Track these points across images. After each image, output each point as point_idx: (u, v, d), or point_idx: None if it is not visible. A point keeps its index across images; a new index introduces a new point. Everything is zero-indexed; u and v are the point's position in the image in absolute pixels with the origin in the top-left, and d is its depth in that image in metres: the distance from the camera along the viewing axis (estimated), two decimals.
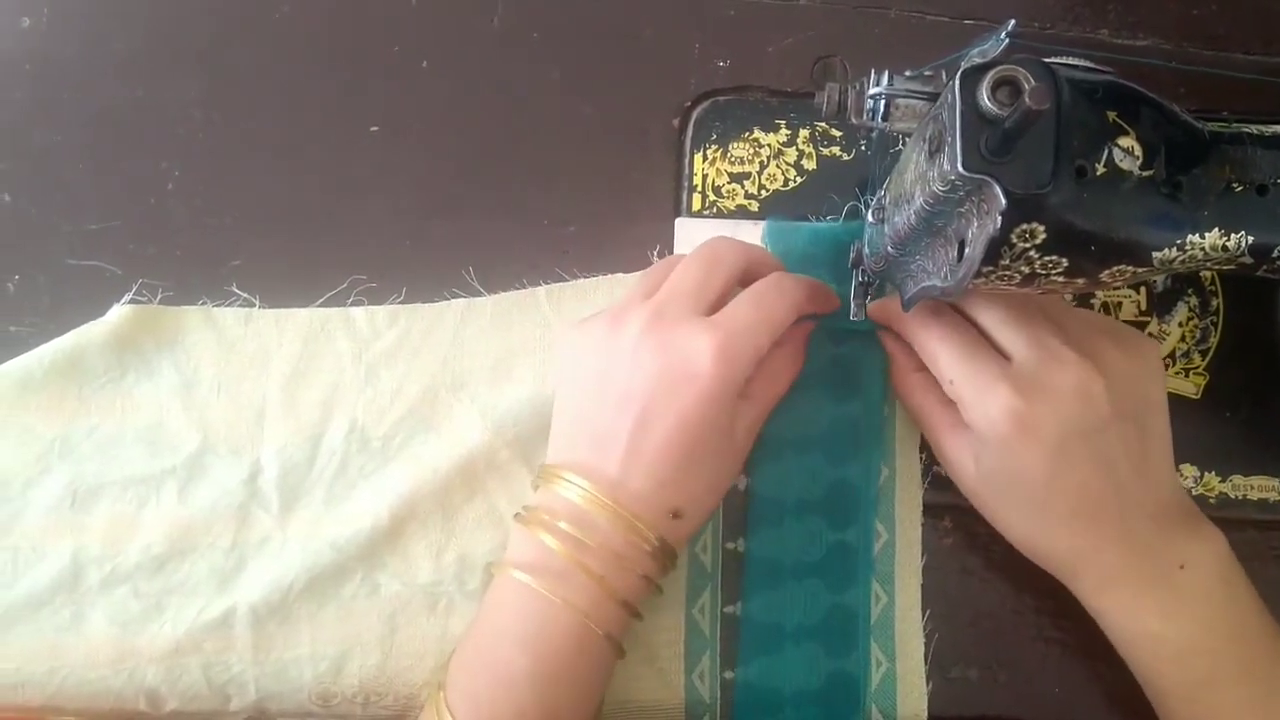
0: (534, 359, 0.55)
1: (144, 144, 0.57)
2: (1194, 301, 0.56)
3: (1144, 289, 0.56)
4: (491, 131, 0.57)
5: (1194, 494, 0.54)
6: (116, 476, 0.54)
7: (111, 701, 0.52)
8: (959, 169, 0.36)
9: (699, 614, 0.53)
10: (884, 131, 0.44)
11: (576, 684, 0.46)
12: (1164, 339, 0.55)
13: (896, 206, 0.45)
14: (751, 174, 0.57)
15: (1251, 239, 0.40)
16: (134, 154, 0.57)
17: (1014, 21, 0.38)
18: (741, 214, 0.56)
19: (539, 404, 0.53)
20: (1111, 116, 0.38)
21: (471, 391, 0.54)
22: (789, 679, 0.52)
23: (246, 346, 0.55)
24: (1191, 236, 0.40)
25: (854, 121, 0.45)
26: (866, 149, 0.56)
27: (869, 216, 0.51)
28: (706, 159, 0.57)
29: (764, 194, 0.56)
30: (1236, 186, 0.40)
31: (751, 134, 0.57)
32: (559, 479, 0.47)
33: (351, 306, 0.55)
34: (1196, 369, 0.55)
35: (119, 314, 0.55)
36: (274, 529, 0.53)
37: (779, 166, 0.57)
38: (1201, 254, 0.40)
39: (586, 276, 0.56)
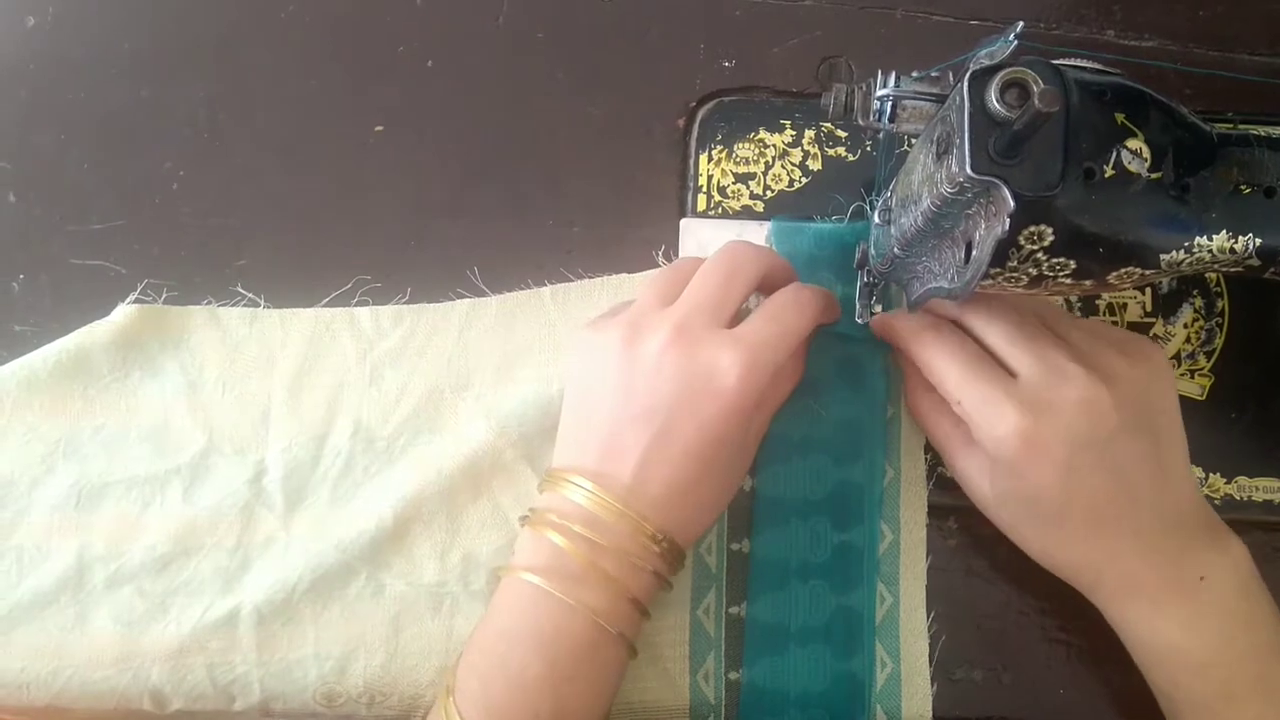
0: (539, 359, 0.55)
1: (149, 144, 0.57)
2: (1199, 303, 0.56)
3: (1149, 290, 0.56)
4: (496, 131, 0.57)
5: None
6: (121, 476, 0.54)
7: (116, 701, 0.52)
8: (967, 171, 0.36)
9: (704, 615, 0.53)
10: (890, 133, 0.44)
11: (591, 685, 0.46)
12: (1169, 340, 0.55)
13: (903, 208, 0.45)
14: (757, 174, 0.57)
15: (1259, 241, 0.40)
16: (139, 154, 0.57)
17: (1022, 23, 0.37)
18: (746, 214, 0.56)
19: (544, 404, 0.53)
20: (1120, 118, 0.38)
21: (476, 392, 0.54)
22: (794, 680, 0.52)
23: (251, 346, 0.55)
24: (1199, 239, 0.40)
25: (861, 123, 0.45)
26: (872, 150, 0.56)
27: (875, 218, 0.51)
28: (712, 159, 0.57)
29: (769, 194, 0.56)
30: (1244, 189, 0.40)
31: (757, 134, 0.57)
32: (567, 482, 0.47)
33: (356, 306, 0.55)
34: (1202, 370, 0.55)
35: (124, 314, 0.55)
36: (279, 529, 0.53)
37: (784, 167, 0.57)
38: (1209, 256, 0.40)
39: (591, 277, 0.56)
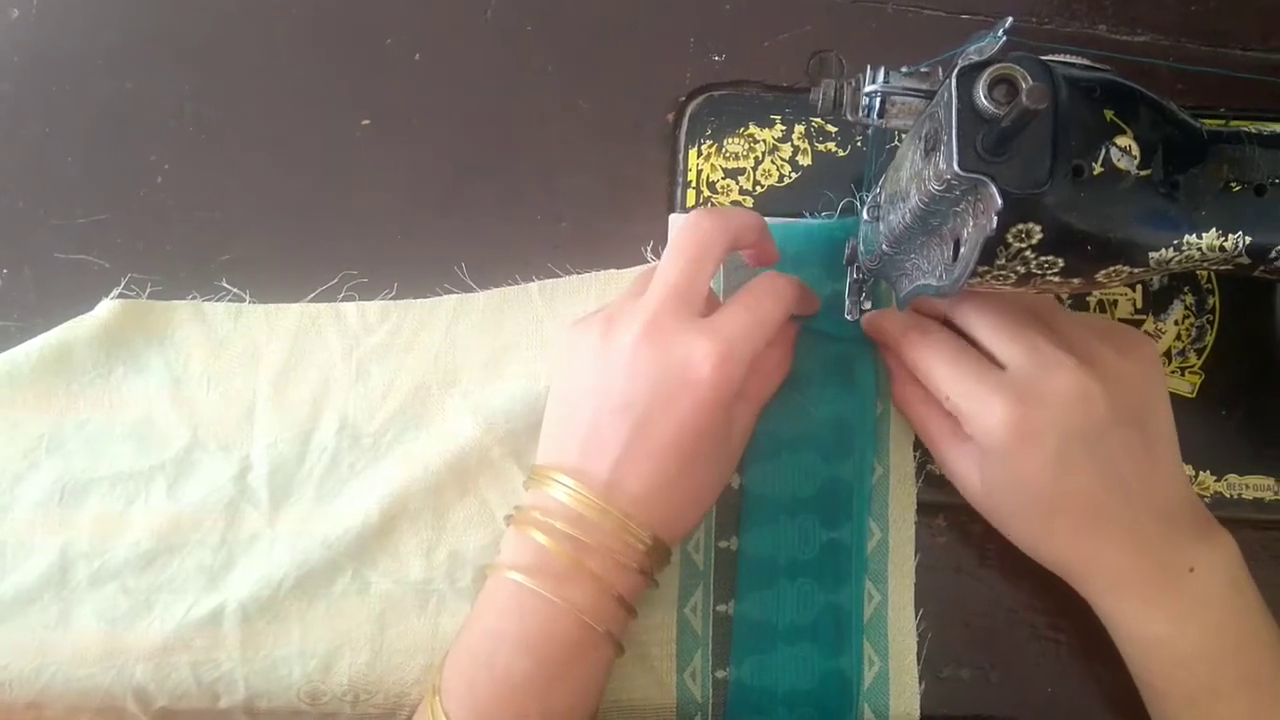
0: (526, 355, 0.54)
1: (133, 137, 0.57)
2: (1190, 300, 0.55)
3: (1140, 287, 0.56)
4: (484, 126, 0.57)
5: None
6: (105, 472, 0.53)
7: (100, 699, 0.52)
8: (955, 168, 0.36)
9: (691, 613, 0.53)
10: (880, 129, 0.44)
11: (578, 684, 0.46)
12: (1160, 337, 0.55)
13: (892, 204, 0.44)
14: (746, 170, 0.56)
15: (1249, 239, 0.40)
16: (123, 147, 0.57)
17: (1011, 19, 0.37)
18: None
19: (531, 400, 0.53)
20: (1109, 115, 0.38)
21: (463, 388, 0.54)
22: (781, 678, 0.52)
23: (236, 342, 0.55)
24: (1189, 237, 0.39)
25: (850, 118, 0.44)
26: (863, 145, 0.56)
27: (864, 214, 0.51)
28: (701, 154, 0.56)
29: (759, 190, 0.56)
30: (1234, 186, 0.40)
31: (747, 129, 0.56)
32: (550, 480, 0.46)
33: (343, 302, 0.55)
34: (1192, 368, 0.55)
35: (108, 309, 0.54)
36: (264, 526, 0.53)
37: (774, 162, 0.56)
38: (1199, 254, 0.40)
39: (580, 272, 0.55)
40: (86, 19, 0.58)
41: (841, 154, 0.56)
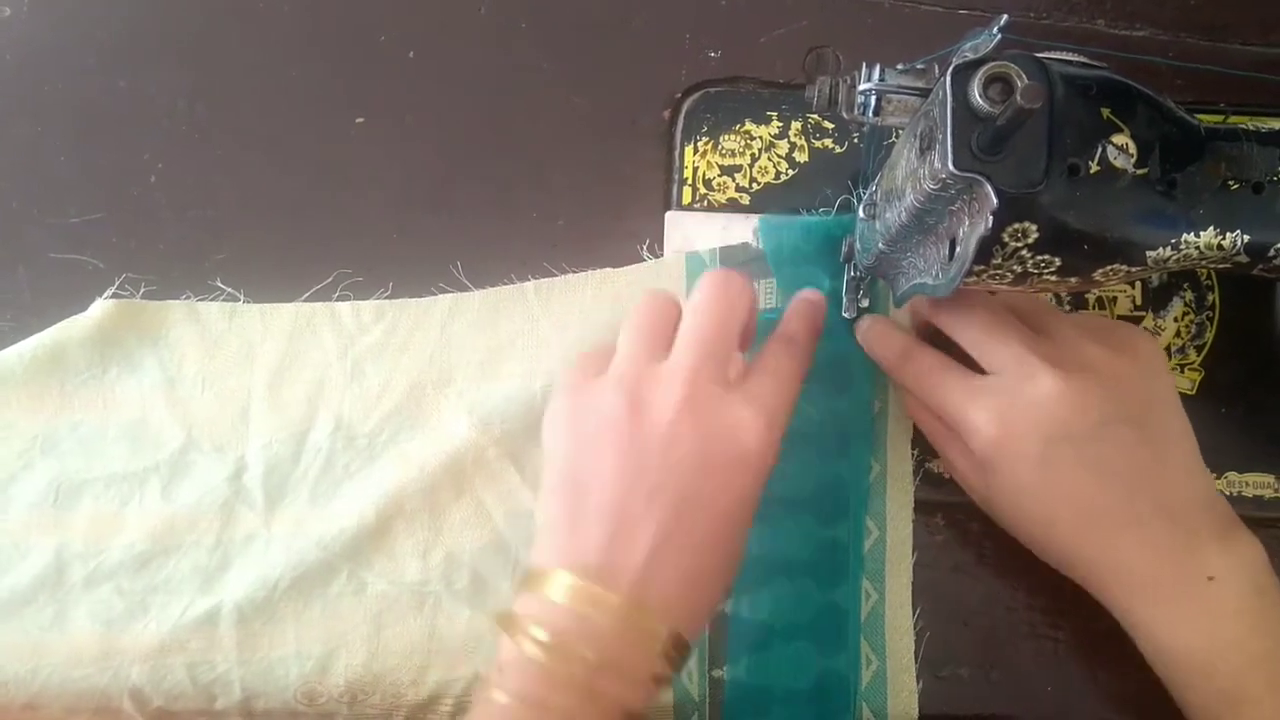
0: (522, 355, 0.54)
1: (127, 136, 0.56)
2: (1190, 296, 0.55)
3: (1139, 284, 0.55)
4: (479, 123, 0.57)
5: None
6: (99, 473, 0.53)
7: (96, 700, 0.51)
8: (950, 167, 0.35)
9: None
10: (876, 126, 0.43)
11: None
12: (1159, 335, 0.55)
13: (888, 202, 0.44)
14: (743, 167, 0.56)
15: (1247, 238, 0.39)
16: (116, 146, 0.56)
17: (1006, 17, 0.37)
18: (732, 207, 0.56)
19: (527, 400, 0.53)
20: (1105, 113, 0.38)
21: (459, 388, 0.54)
22: (778, 677, 0.52)
23: (231, 342, 0.54)
24: (1186, 235, 0.39)
25: (846, 116, 0.44)
26: (859, 141, 0.56)
27: (860, 212, 0.50)
28: (697, 151, 0.56)
29: (755, 187, 0.56)
30: (1232, 184, 0.39)
31: (743, 126, 0.56)
32: (561, 586, 0.41)
33: (337, 301, 0.55)
34: (1192, 365, 0.55)
35: (101, 308, 0.54)
36: (259, 527, 0.53)
37: (770, 159, 0.56)
38: (1197, 253, 0.39)
39: (576, 271, 0.55)
40: (79, 17, 0.57)
41: (839, 150, 0.56)
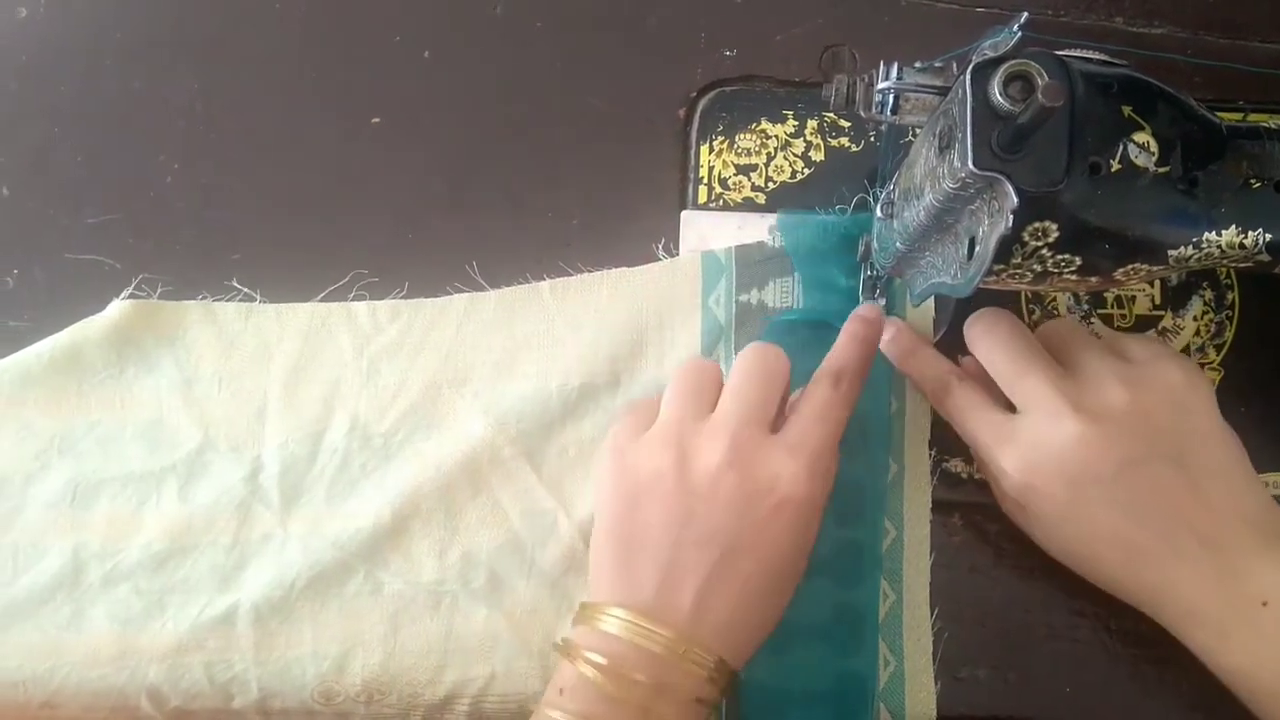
0: (538, 355, 0.54)
1: (143, 137, 0.57)
2: (1209, 295, 0.55)
3: (1158, 282, 0.55)
4: (494, 123, 0.57)
5: None
6: (117, 473, 0.53)
7: (114, 699, 0.52)
8: (970, 166, 0.35)
9: None
10: (894, 125, 0.43)
11: None
12: (1178, 334, 0.54)
13: (906, 201, 0.44)
14: (758, 166, 0.56)
15: (1269, 236, 0.39)
16: (133, 147, 0.57)
17: (1026, 15, 0.37)
18: (748, 206, 0.55)
19: (543, 400, 0.53)
20: (1127, 111, 0.37)
21: (474, 388, 0.54)
22: (797, 678, 0.52)
23: (247, 342, 0.54)
24: (1208, 234, 0.39)
25: (863, 115, 0.44)
26: (876, 140, 0.55)
27: (878, 211, 0.50)
28: (713, 150, 0.56)
29: (771, 186, 0.56)
30: (1254, 183, 0.39)
31: (759, 125, 0.56)
32: (618, 620, 0.43)
33: (353, 301, 0.55)
34: (1211, 364, 0.54)
35: (118, 309, 0.54)
36: (275, 526, 0.53)
37: (786, 158, 0.56)
38: (1218, 252, 0.39)
39: (591, 270, 0.55)
40: (94, 18, 0.58)
41: (855, 149, 0.56)
